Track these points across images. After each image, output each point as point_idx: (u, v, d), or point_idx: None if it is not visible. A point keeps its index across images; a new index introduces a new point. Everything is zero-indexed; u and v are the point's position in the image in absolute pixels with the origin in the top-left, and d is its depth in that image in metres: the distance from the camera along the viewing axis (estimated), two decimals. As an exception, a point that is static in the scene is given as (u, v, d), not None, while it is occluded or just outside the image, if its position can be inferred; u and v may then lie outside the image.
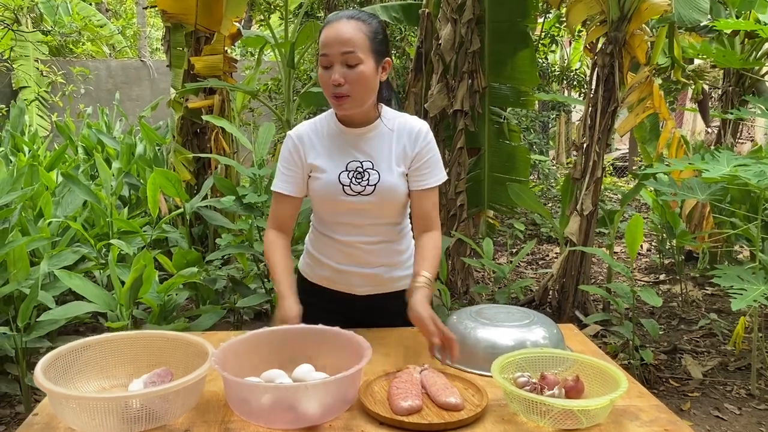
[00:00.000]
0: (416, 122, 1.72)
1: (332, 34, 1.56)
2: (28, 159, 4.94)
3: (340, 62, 1.56)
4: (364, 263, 1.75)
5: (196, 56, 4.36)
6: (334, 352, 1.44)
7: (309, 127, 1.74)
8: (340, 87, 1.56)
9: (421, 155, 1.69)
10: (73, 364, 1.39)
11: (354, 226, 1.72)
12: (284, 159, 1.73)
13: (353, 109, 1.63)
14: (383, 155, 1.69)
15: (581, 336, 1.80)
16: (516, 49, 4.25)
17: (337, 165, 1.68)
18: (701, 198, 2.87)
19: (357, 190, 1.67)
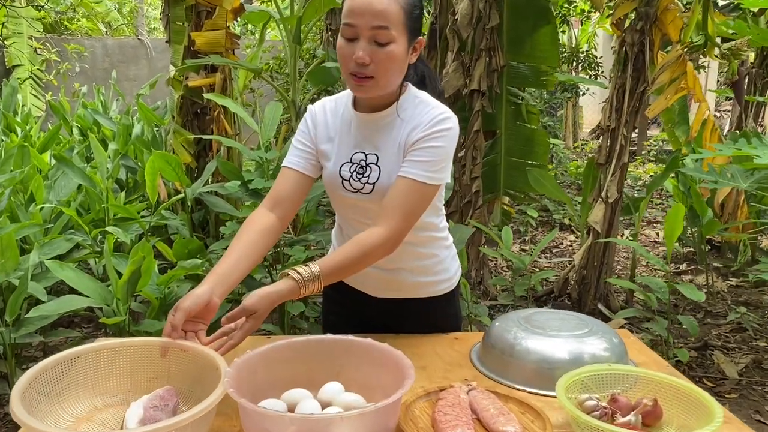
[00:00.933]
0: (435, 110, 1.41)
1: (362, 3, 1.30)
2: (20, 140, 4.71)
3: (368, 37, 1.31)
4: (381, 265, 1.47)
5: (196, 31, 4.10)
6: (364, 366, 1.23)
7: (329, 104, 1.52)
8: (364, 66, 1.32)
9: (419, 142, 1.37)
10: (62, 378, 1.18)
11: (361, 223, 1.49)
12: (299, 132, 1.52)
13: (373, 94, 1.38)
14: (390, 148, 1.42)
15: (640, 344, 1.59)
16: (536, 25, 4.00)
17: (341, 155, 1.46)
18: (744, 186, 2.66)
19: (356, 187, 1.44)
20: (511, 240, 3.46)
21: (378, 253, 1.37)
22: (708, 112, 3.39)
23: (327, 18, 6.25)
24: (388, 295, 1.57)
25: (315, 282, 1.30)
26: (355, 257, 1.35)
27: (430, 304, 1.60)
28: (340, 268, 1.35)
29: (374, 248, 1.35)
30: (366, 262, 1.38)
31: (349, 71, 1.35)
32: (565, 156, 8.25)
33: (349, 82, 1.38)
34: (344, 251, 1.36)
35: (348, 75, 1.36)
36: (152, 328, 2.48)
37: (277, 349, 1.22)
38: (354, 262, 1.36)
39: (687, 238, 4.91)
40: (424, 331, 1.60)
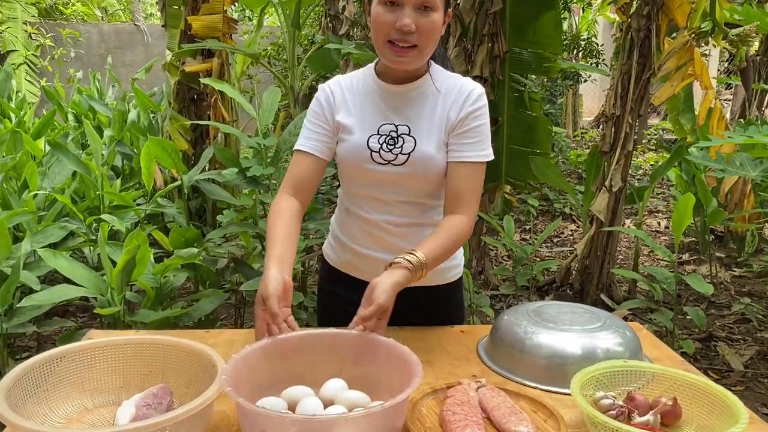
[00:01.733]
0: (470, 84, 1.42)
1: None
2: (14, 126, 4.63)
3: (414, 4, 1.29)
4: (391, 248, 1.43)
5: (193, 15, 4.02)
6: (369, 362, 1.17)
7: (344, 81, 1.48)
8: (410, 34, 1.29)
9: (467, 121, 1.38)
10: (50, 375, 1.12)
11: (382, 202, 1.44)
12: (312, 113, 1.47)
13: (414, 64, 1.36)
14: (424, 120, 1.40)
15: (652, 337, 1.53)
16: (540, 11, 3.91)
17: (367, 127, 1.42)
18: (753, 175, 2.60)
19: (387, 159, 1.39)
20: (512, 229, 3.40)
21: (465, 238, 1.40)
22: (715, 100, 3.33)
23: (326, 3, 6.15)
24: None
25: (423, 269, 1.27)
26: (450, 244, 1.35)
27: (440, 293, 1.56)
28: (440, 255, 1.33)
29: (464, 234, 1.38)
30: (457, 247, 1.41)
31: (389, 39, 1.31)
32: (566, 144, 8.17)
33: (386, 53, 1.34)
34: (439, 238, 1.34)
35: (385, 44, 1.33)
36: (147, 319, 2.42)
37: (276, 344, 1.16)
38: (449, 248, 1.36)
39: (690, 228, 4.86)
40: (432, 321, 1.55)
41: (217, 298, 2.69)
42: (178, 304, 2.69)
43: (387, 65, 1.39)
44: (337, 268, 1.59)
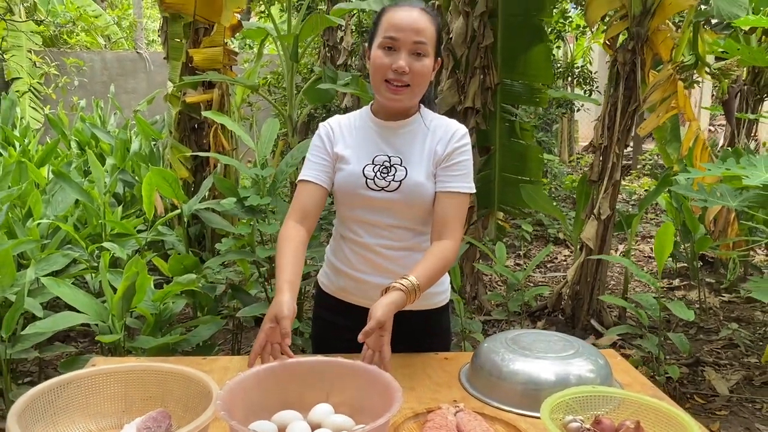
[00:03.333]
0: (455, 124, 1.59)
1: (408, 20, 1.47)
2: (18, 154, 4.74)
3: (409, 50, 1.47)
4: (384, 271, 1.57)
5: (194, 48, 4.15)
6: (355, 389, 1.25)
7: (342, 119, 1.64)
8: (404, 75, 1.47)
9: (453, 156, 1.54)
10: (56, 400, 1.20)
11: (376, 226, 1.57)
12: (314, 147, 1.62)
13: (407, 102, 1.52)
14: (414, 152, 1.55)
15: (625, 364, 1.61)
16: (530, 44, 4.05)
17: (363, 157, 1.56)
18: (733, 205, 2.70)
19: (381, 185, 1.53)
20: (504, 255, 3.49)
21: (452, 261, 1.53)
22: (699, 131, 3.44)
23: (324, 34, 6.31)
24: None
25: (416, 290, 1.40)
26: (439, 267, 1.48)
27: (428, 317, 1.66)
28: (431, 277, 1.46)
29: (451, 258, 1.51)
30: (445, 270, 1.53)
31: (385, 78, 1.48)
32: (559, 170, 8.29)
33: (382, 91, 1.50)
34: (428, 262, 1.47)
35: (383, 83, 1.49)
36: (147, 345, 2.50)
37: (269, 371, 1.25)
38: (438, 271, 1.48)
39: (680, 254, 4.95)
40: (420, 344, 1.63)
41: (215, 324, 2.77)
42: (177, 330, 2.77)
43: (382, 104, 1.55)
44: (332, 295, 1.69)
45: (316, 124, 6.70)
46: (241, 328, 3.47)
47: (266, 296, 3.08)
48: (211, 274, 3.17)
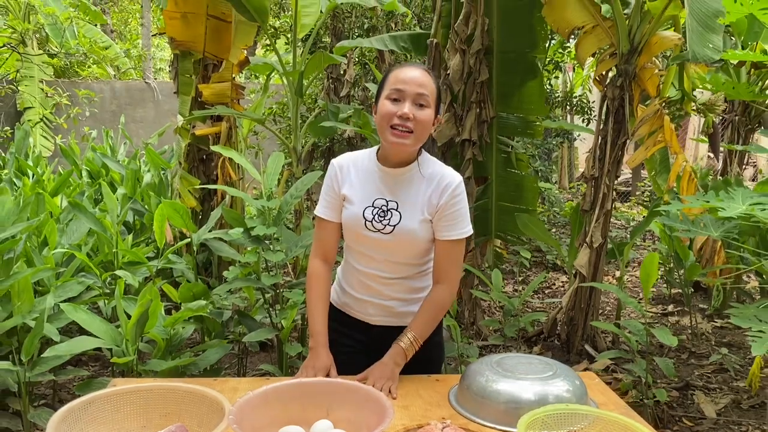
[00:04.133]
0: (450, 174, 1.77)
1: (411, 75, 1.68)
2: (33, 184, 4.92)
3: (413, 100, 1.66)
4: (379, 295, 1.80)
5: (203, 83, 4.35)
6: (352, 407, 1.40)
7: (350, 158, 1.82)
8: (408, 121, 1.65)
9: (447, 207, 1.73)
10: (83, 416, 1.35)
11: (373, 259, 1.77)
12: (326, 185, 1.83)
13: (410, 146, 1.69)
14: (409, 198, 1.73)
15: (602, 385, 1.75)
16: (524, 79, 4.24)
17: (364, 199, 1.75)
18: (715, 235, 2.83)
19: (377, 227, 1.72)
20: (500, 282, 3.62)
21: (448, 304, 1.77)
22: (686, 163, 3.59)
23: (328, 67, 6.53)
24: (385, 322, 1.82)
25: (415, 343, 1.70)
26: (434, 315, 1.75)
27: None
28: (426, 327, 1.73)
29: (445, 303, 1.75)
30: (442, 314, 1.77)
31: (391, 124, 1.67)
32: (557, 198, 8.45)
33: (387, 136, 1.68)
34: (424, 313, 1.73)
35: (388, 128, 1.68)
36: (158, 367, 2.63)
37: (274, 390, 1.39)
38: (434, 318, 1.75)
39: (674, 281, 5.08)
40: (416, 363, 1.77)
41: (222, 349, 2.91)
42: (185, 353, 2.91)
43: (387, 149, 1.73)
44: (338, 308, 1.89)
45: (319, 153, 6.90)
46: (247, 352, 3.61)
47: (270, 322, 3.21)
48: (218, 301, 3.32)
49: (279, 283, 3.10)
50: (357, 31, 6.37)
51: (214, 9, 4.23)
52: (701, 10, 2.83)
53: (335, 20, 6.35)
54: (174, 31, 4.25)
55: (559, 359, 3.84)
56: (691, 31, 2.80)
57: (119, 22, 14.89)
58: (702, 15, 2.84)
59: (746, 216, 2.58)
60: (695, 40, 2.77)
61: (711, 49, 2.72)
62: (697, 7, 2.82)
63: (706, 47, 2.70)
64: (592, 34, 3.73)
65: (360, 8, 5.83)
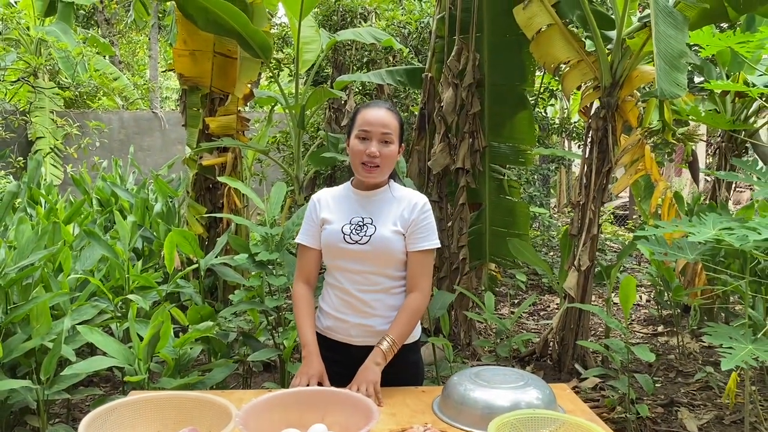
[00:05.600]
0: (417, 194, 2.04)
1: (376, 116, 1.93)
2: (46, 212, 5.14)
3: (378, 139, 1.92)
4: (360, 312, 1.97)
5: (210, 116, 4.59)
6: (344, 412, 1.58)
7: (328, 192, 2.09)
8: (375, 158, 1.91)
9: (418, 221, 1.97)
10: (107, 422, 1.53)
11: (352, 272, 1.97)
12: (306, 216, 2.07)
13: (378, 178, 1.96)
14: (383, 214, 1.97)
15: (573, 395, 1.93)
16: (514, 110, 4.47)
17: (342, 218, 1.99)
18: (690, 258, 3.01)
19: (355, 239, 1.94)
20: (493, 304, 3.79)
21: (422, 310, 1.97)
22: (667, 190, 3.79)
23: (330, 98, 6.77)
24: (366, 342, 1.96)
25: (394, 346, 1.89)
26: (410, 319, 1.94)
27: (402, 351, 1.96)
28: (404, 330, 1.93)
29: (420, 309, 1.96)
30: (418, 318, 1.97)
31: (362, 162, 1.93)
32: (551, 223, 8.63)
33: (360, 170, 1.95)
34: (401, 319, 1.93)
35: (360, 165, 1.94)
36: (168, 385, 2.81)
37: (276, 398, 1.58)
38: (411, 323, 1.95)
39: (664, 302, 5.25)
40: (396, 375, 1.95)
41: (228, 368, 3.10)
42: (193, 373, 3.09)
43: (360, 180, 1.99)
44: (320, 333, 2.05)
45: (322, 180, 7.12)
46: (251, 372, 3.78)
47: (273, 342, 3.39)
48: (224, 323, 3.51)
49: (281, 305, 3.30)
50: (357, 63, 6.63)
51: (221, 46, 4.49)
52: (667, 50, 3.06)
53: (336, 53, 6.61)
54: (182, 67, 4.50)
55: (550, 378, 4.03)
56: (659, 69, 3.02)
57: (127, 53, 15.28)
58: (668, 55, 3.07)
59: (716, 240, 2.77)
60: (663, 78, 2.99)
61: (676, 87, 2.94)
62: (664, 48, 3.04)
63: (672, 85, 2.91)
64: (577, 68, 3.96)
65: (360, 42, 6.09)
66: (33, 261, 3.16)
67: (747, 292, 3.04)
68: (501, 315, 5.56)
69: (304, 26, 4.55)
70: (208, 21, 3.99)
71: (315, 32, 5.06)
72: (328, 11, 6.83)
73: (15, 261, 3.15)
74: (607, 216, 10.38)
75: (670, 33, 3.09)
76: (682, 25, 3.13)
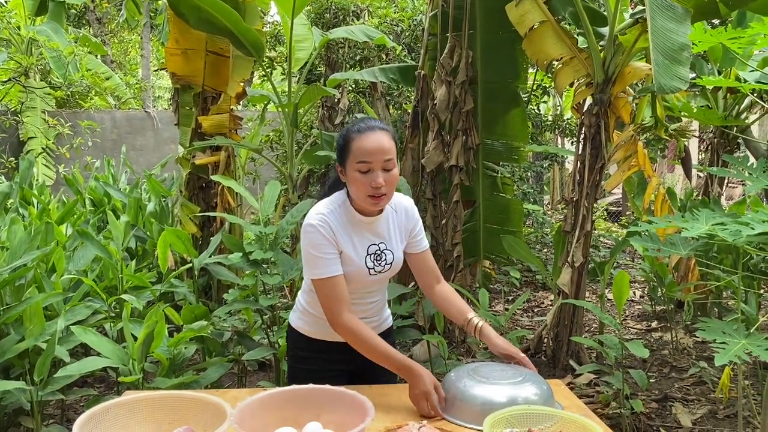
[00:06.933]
0: (406, 200, 2.06)
1: (375, 145, 1.79)
2: (39, 213, 5.11)
3: (381, 168, 1.80)
4: (367, 312, 2.03)
5: (203, 115, 4.57)
6: (339, 410, 1.57)
7: (331, 217, 1.89)
8: (381, 188, 1.80)
9: (416, 226, 2.05)
10: (102, 422, 1.52)
11: (369, 292, 2.01)
12: (323, 246, 1.85)
13: (386, 204, 1.91)
14: (391, 234, 1.99)
15: (567, 392, 1.94)
16: (507, 108, 4.48)
17: (360, 252, 1.92)
18: (683, 254, 3.02)
19: (378, 270, 1.95)
20: (487, 301, 3.80)
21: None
22: (660, 186, 3.80)
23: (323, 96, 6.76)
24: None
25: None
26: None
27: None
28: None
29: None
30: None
31: (368, 195, 1.82)
32: (544, 220, 8.65)
33: (366, 201, 1.85)
34: (461, 300, 2.10)
35: (366, 196, 1.83)
36: (163, 385, 2.80)
37: (270, 396, 1.58)
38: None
39: (658, 298, 5.27)
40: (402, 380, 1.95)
41: (223, 367, 3.09)
42: (188, 372, 3.08)
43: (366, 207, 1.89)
44: (306, 335, 2.05)
45: (315, 179, 7.11)
46: (246, 371, 3.78)
47: (268, 341, 3.39)
48: (218, 322, 3.50)
49: (276, 304, 3.29)
50: (350, 61, 6.62)
51: (213, 45, 4.47)
52: (666, 44, 3.06)
53: (329, 51, 6.59)
54: (175, 66, 4.49)
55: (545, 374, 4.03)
56: (656, 64, 3.02)
57: (119, 53, 15.21)
58: (667, 49, 3.06)
59: (709, 235, 2.78)
60: (661, 72, 2.99)
61: (678, 80, 2.93)
62: (661, 42, 3.04)
63: (673, 79, 2.91)
64: (569, 65, 3.96)
65: (352, 40, 6.08)
66: (26, 261, 3.15)
67: (739, 287, 3.05)
68: (495, 312, 5.57)
69: (296, 24, 4.54)
70: (200, 19, 3.97)
71: (307, 30, 5.05)
72: (320, 9, 6.81)
73: (8, 262, 3.13)
74: (600, 212, 10.41)
75: (670, 26, 3.09)
76: (683, 17, 3.13)
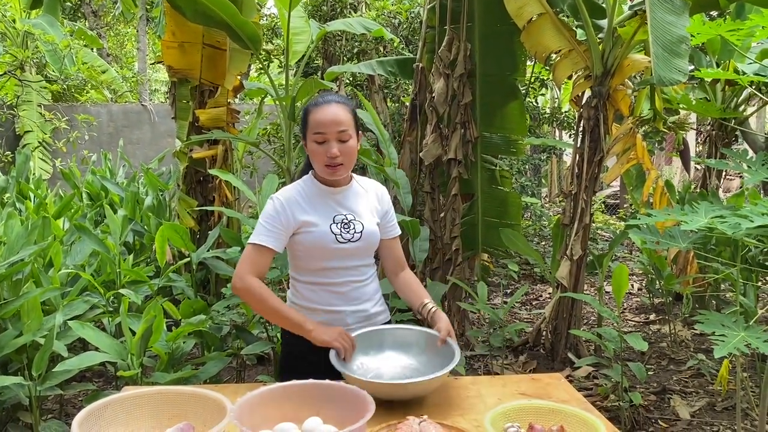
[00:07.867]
0: (378, 186, 2.14)
1: (329, 116, 1.87)
2: (36, 207, 5.09)
3: (336, 139, 1.87)
4: (354, 300, 2.02)
5: (200, 109, 4.55)
6: (339, 406, 1.57)
7: (294, 191, 1.98)
8: (336, 158, 1.87)
9: (388, 211, 2.11)
10: (101, 418, 1.52)
11: (345, 268, 1.98)
12: (270, 217, 1.93)
13: (344, 174, 1.95)
14: (361, 209, 2.00)
15: (567, 385, 1.94)
16: (506, 101, 4.46)
17: (325, 219, 1.95)
18: (682, 246, 3.02)
19: (347, 238, 1.95)
20: (485, 294, 3.80)
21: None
22: (658, 179, 3.80)
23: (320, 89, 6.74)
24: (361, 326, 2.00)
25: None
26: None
27: None
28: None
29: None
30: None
31: (325, 164, 1.90)
32: (543, 212, 8.65)
33: (324, 171, 1.92)
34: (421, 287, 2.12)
35: (323, 166, 1.90)
36: (162, 380, 2.80)
37: (270, 392, 1.57)
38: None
39: (656, 290, 5.27)
40: None
41: (221, 361, 3.08)
42: (187, 366, 3.08)
43: (327, 177, 1.96)
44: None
45: (313, 172, 7.10)
46: (244, 365, 3.78)
47: (267, 335, 3.39)
48: (216, 316, 3.49)
49: (274, 298, 3.28)
50: (348, 54, 6.60)
51: (210, 38, 4.44)
52: (665, 37, 3.04)
53: (326, 44, 6.57)
54: (171, 59, 4.46)
55: (544, 367, 4.03)
56: (655, 56, 3.01)
57: (115, 46, 15.14)
58: (666, 41, 3.05)
59: (708, 228, 2.78)
60: (660, 65, 2.98)
61: (677, 73, 2.93)
62: (661, 35, 3.03)
63: (672, 71, 2.90)
64: (568, 57, 3.95)
65: (350, 33, 6.06)
66: (23, 256, 3.13)
67: (738, 279, 3.06)
68: (494, 305, 5.57)
69: (293, 17, 4.51)
70: (196, 12, 3.94)
71: (305, 23, 5.02)
72: (317, 1, 6.78)
73: (5, 257, 3.12)
74: (598, 205, 10.42)
75: (669, 19, 3.08)
76: (682, 10, 3.12)
